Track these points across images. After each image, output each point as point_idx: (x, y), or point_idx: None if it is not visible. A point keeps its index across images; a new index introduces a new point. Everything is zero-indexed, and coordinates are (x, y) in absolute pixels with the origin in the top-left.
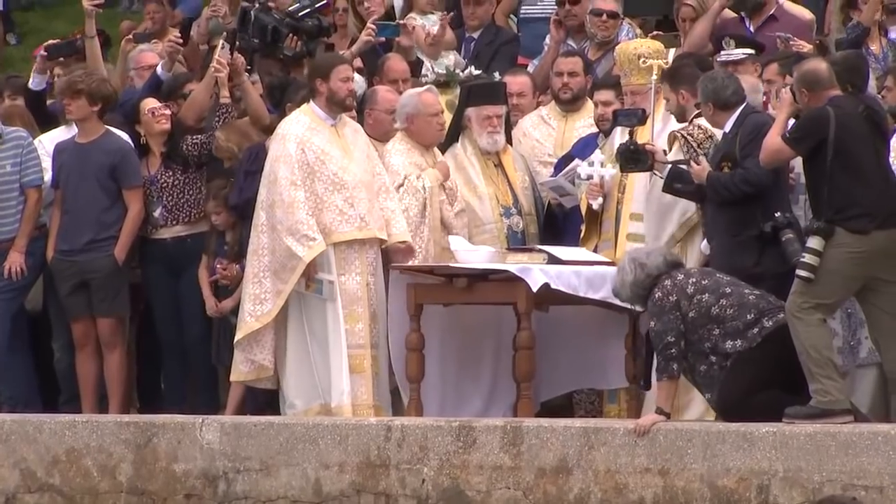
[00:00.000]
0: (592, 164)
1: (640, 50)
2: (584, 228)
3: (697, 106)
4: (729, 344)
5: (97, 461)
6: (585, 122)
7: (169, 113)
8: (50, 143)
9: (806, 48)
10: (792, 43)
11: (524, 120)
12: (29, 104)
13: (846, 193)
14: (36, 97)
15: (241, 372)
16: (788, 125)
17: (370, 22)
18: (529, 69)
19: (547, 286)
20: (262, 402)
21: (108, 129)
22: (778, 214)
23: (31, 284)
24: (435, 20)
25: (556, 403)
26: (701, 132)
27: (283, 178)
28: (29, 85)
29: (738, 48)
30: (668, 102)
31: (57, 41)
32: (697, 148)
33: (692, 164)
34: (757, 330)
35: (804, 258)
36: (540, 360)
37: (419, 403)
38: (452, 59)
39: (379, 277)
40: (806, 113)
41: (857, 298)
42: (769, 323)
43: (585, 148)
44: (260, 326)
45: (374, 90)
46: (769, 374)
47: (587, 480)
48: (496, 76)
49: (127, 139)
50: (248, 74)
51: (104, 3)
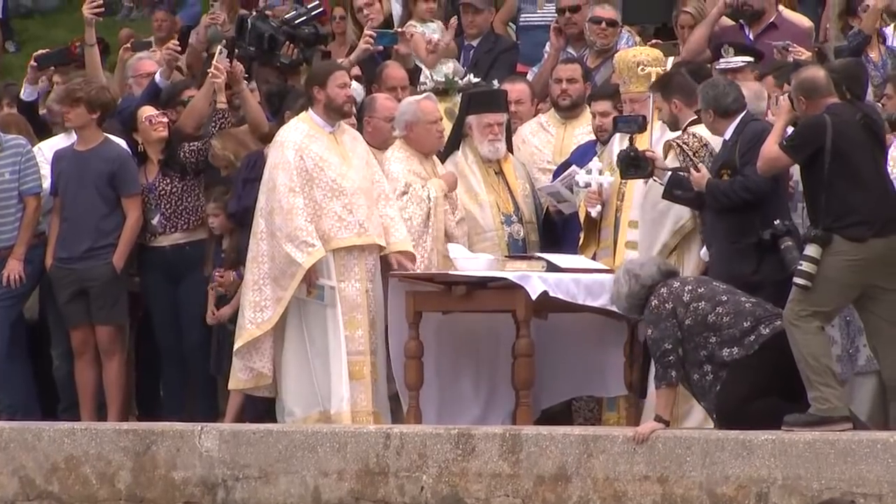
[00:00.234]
0: (591, 171)
1: (639, 58)
2: (582, 236)
3: (698, 113)
4: (726, 351)
5: (96, 469)
6: (584, 129)
7: (166, 121)
8: (49, 150)
9: (804, 55)
10: (791, 50)
11: (523, 127)
12: (21, 113)
13: (844, 201)
14: (27, 107)
15: (239, 380)
16: (786, 133)
17: (368, 30)
18: (529, 77)
19: (546, 294)
20: (261, 409)
21: (107, 136)
22: (777, 222)
23: (29, 292)
24: (435, 28)
25: (555, 411)
26: (696, 140)
27: (281, 185)
28: (20, 96)
29: (737, 56)
30: (660, 112)
31: (47, 51)
32: (693, 156)
33: (692, 171)
34: (754, 337)
35: (802, 266)
36: (539, 367)
37: (418, 411)
38: (451, 66)
39: (378, 284)
40: (803, 121)
41: (855, 306)
42: (766, 330)
43: (584, 155)
44: (261, 334)
45: (372, 98)
46: (767, 381)
47: (586, 488)
48: (495, 84)
49: (126, 147)
50: (246, 82)
51: (104, 11)
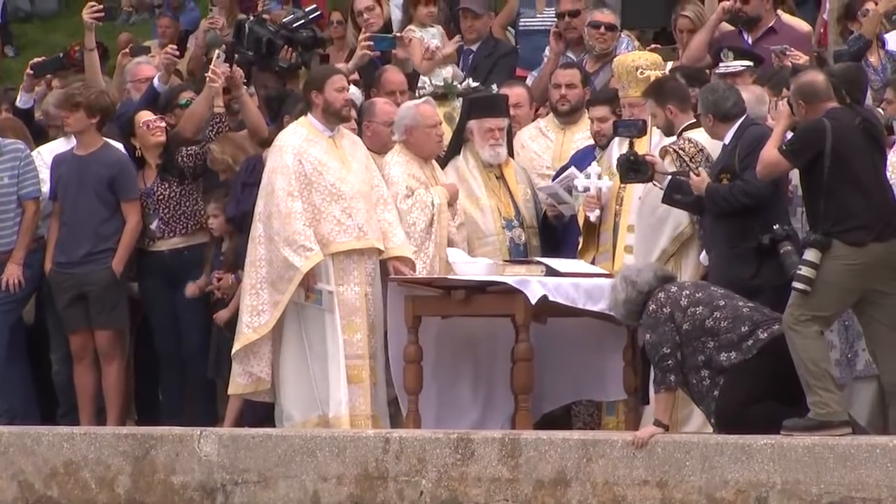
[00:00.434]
0: (589, 176)
1: (638, 62)
2: (581, 240)
3: (698, 118)
4: (724, 356)
5: (95, 473)
6: (583, 134)
7: (164, 125)
8: (49, 154)
9: (802, 59)
10: (788, 54)
11: (522, 132)
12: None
13: (843, 206)
14: (23, 115)
15: (238, 385)
16: (786, 138)
17: (365, 36)
18: (528, 81)
19: (545, 298)
20: (260, 414)
21: (106, 141)
22: (776, 227)
23: (29, 297)
24: (434, 33)
25: (554, 415)
26: (692, 146)
27: (280, 189)
28: (16, 103)
29: (736, 60)
30: (654, 118)
31: (43, 59)
32: (689, 162)
33: (691, 175)
34: (752, 342)
35: (801, 270)
36: (538, 372)
37: (417, 415)
38: (450, 71)
39: (377, 288)
40: (803, 125)
41: (854, 311)
42: (764, 335)
43: (583, 160)
44: (257, 338)
45: (371, 102)
46: (765, 385)
47: (585, 493)
48: (494, 88)
49: (124, 152)
50: (245, 87)
51: (103, 16)
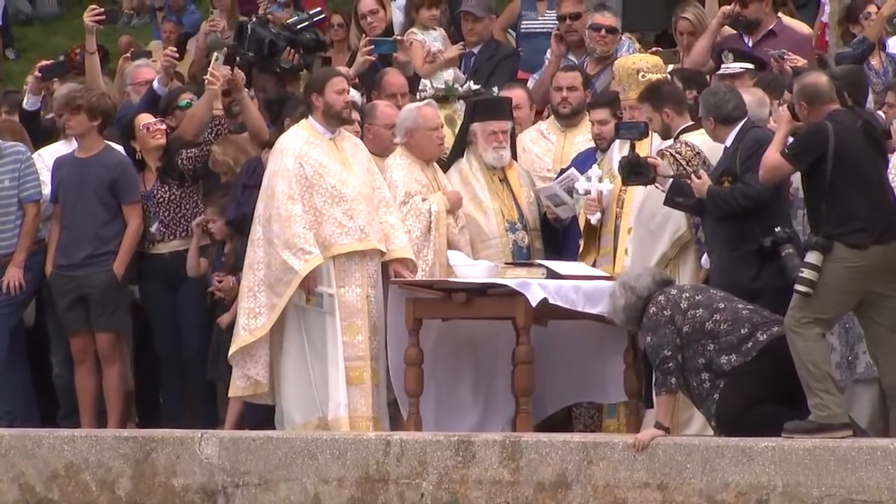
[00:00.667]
0: (590, 179)
1: (638, 64)
2: (582, 243)
3: (698, 121)
4: (724, 359)
5: (96, 476)
6: (584, 137)
7: (164, 128)
8: (49, 157)
9: (800, 63)
10: (786, 58)
11: (523, 135)
12: (22, 123)
13: (845, 208)
14: (30, 116)
15: (238, 387)
16: (787, 142)
17: (366, 41)
18: (529, 84)
19: (545, 301)
20: (260, 416)
21: (107, 143)
22: (777, 229)
23: (29, 299)
24: (436, 36)
25: (555, 418)
26: (689, 149)
27: (280, 192)
28: (23, 105)
29: (736, 62)
30: (651, 122)
31: (50, 62)
32: (686, 165)
33: (693, 177)
34: (751, 344)
35: (803, 273)
36: (539, 374)
37: (418, 418)
38: (451, 73)
39: (379, 290)
40: (805, 128)
41: (855, 313)
42: (763, 336)
43: (584, 162)
44: (254, 340)
45: (373, 105)
46: (766, 387)
47: (586, 495)
48: (494, 91)
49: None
50: (246, 90)
51: (104, 19)
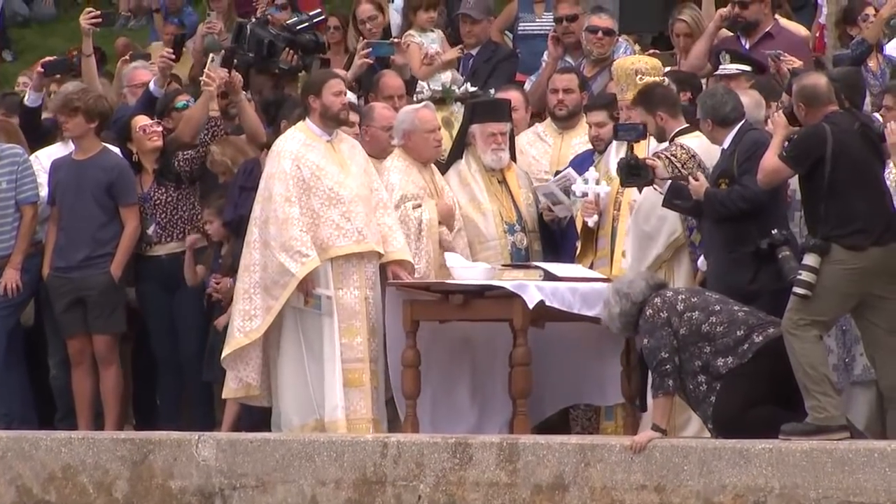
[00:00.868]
0: (587, 181)
1: (637, 66)
2: (579, 245)
3: (693, 124)
4: (721, 361)
5: (93, 478)
6: (581, 139)
7: (160, 130)
8: (47, 159)
9: (796, 64)
10: (782, 59)
11: (520, 137)
12: (23, 120)
13: (843, 210)
14: (31, 113)
15: (230, 389)
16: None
17: (363, 43)
18: (526, 86)
19: (542, 303)
20: (257, 418)
21: (105, 146)
22: (775, 231)
23: (26, 301)
24: (434, 38)
25: (552, 420)
26: (683, 152)
27: (277, 194)
28: (25, 101)
29: (733, 63)
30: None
31: (53, 58)
32: (682, 168)
33: (691, 179)
34: (747, 346)
35: (801, 275)
36: (536, 376)
37: (415, 420)
38: (449, 75)
39: (377, 292)
40: (803, 131)
41: (852, 315)
42: (759, 338)
43: (582, 164)
44: (248, 342)
45: (370, 107)
46: (762, 389)
47: (583, 497)
48: (491, 93)
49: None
50: (244, 92)
51: (101, 21)
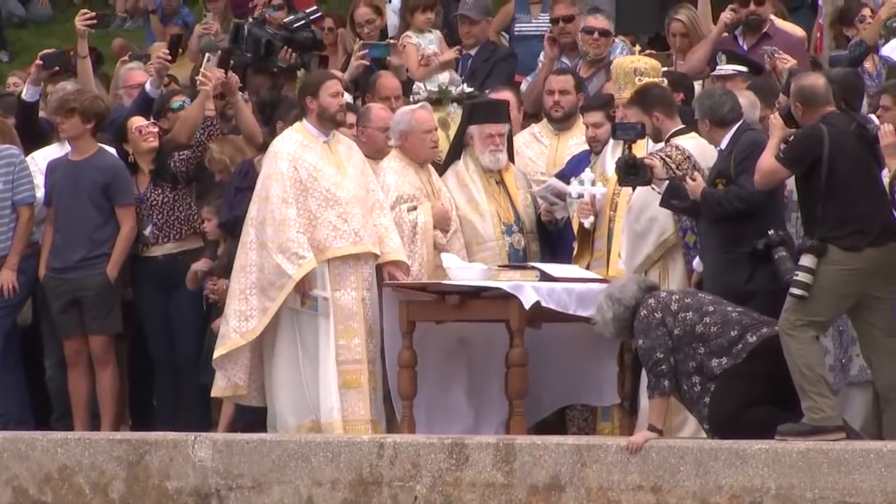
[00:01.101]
0: (583, 182)
1: (636, 65)
2: (576, 246)
3: (689, 124)
4: (715, 362)
5: (89, 479)
6: (578, 139)
7: (156, 130)
8: (43, 160)
9: (790, 63)
10: (777, 56)
11: (517, 138)
12: (21, 115)
13: (840, 211)
14: (28, 108)
15: (219, 387)
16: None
17: (360, 44)
18: (523, 86)
19: (538, 304)
20: (252, 419)
21: (101, 146)
22: (771, 232)
23: (23, 302)
24: (432, 38)
25: (548, 420)
26: (679, 153)
27: (274, 195)
28: (23, 96)
29: (729, 63)
30: None
31: (52, 51)
32: (676, 169)
33: (688, 179)
34: (741, 346)
35: (797, 276)
36: (532, 377)
37: (412, 420)
38: (447, 76)
39: (374, 293)
40: (800, 132)
41: (849, 315)
42: (753, 338)
43: (578, 165)
44: (245, 343)
45: (367, 108)
46: (758, 389)
47: (580, 498)
48: (487, 93)
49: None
50: (241, 93)
51: (97, 23)
